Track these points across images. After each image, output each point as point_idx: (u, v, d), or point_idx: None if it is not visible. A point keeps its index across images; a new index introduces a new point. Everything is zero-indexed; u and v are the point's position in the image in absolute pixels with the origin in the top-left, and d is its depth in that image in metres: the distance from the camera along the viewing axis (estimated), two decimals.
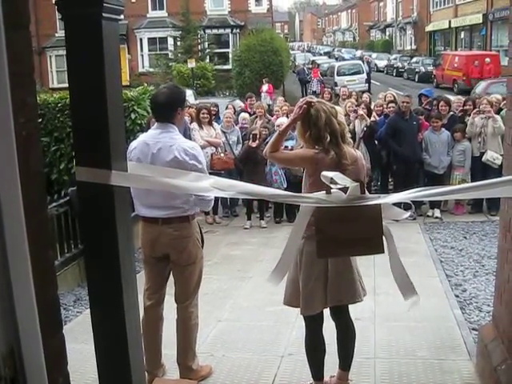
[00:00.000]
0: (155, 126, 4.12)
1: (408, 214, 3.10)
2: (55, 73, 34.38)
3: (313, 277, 3.66)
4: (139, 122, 8.65)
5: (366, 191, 2.81)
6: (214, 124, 9.71)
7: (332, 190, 2.70)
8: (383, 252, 2.82)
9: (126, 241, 2.39)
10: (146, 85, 10.34)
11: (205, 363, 4.48)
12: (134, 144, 4.07)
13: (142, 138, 4.15)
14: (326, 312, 3.87)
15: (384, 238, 2.81)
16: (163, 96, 4.09)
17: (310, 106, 3.62)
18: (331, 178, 2.71)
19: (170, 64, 31.01)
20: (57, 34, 31.75)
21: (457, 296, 5.95)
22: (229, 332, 5.33)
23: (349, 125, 7.90)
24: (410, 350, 4.78)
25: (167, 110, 4.03)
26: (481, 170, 9.11)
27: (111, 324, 2.38)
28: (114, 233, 2.27)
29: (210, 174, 4.22)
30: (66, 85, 2.31)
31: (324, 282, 3.66)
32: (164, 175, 2.54)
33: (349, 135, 3.82)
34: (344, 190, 2.69)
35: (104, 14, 2.11)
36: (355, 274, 3.75)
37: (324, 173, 2.78)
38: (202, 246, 4.26)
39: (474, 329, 5.06)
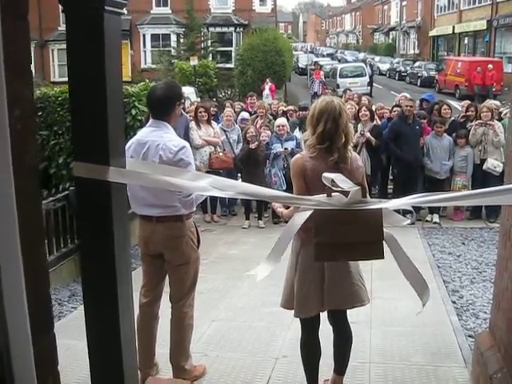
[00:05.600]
0: (149, 122, 4.08)
1: (408, 221, 3.05)
2: (57, 66, 34.37)
3: (308, 280, 3.61)
4: (140, 117, 8.62)
5: (368, 195, 2.78)
6: (213, 123, 9.65)
7: (333, 194, 2.65)
8: (383, 257, 2.78)
9: (123, 239, 2.35)
10: (147, 81, 10.30)
11: (199, 363, 4.45)
12: (129, 142, 4.00)
13: (137, 136, 4.10)
14: (323, 315, 3.83)
15: (386, 243, 2.76)
16: (160, 91, 4.04)
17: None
18: (332, 180, 2.67)
19: (173, 61, 30.93)
20: (60, 28, 31.65)
21: (454, 302, 5.94)
22: (223, 332, 5.30)
23: None
24: (405, 355, 4.75)
25: (164, 105, 4.00)
26: (481, 176, 9.10)
27: (104, 322, 2.34)
28: (111, 230, 2.23)
29: (209, 173, 4.16)
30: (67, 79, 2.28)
31: (320, 285, 3.60)
32: (162, 173, 2.50)
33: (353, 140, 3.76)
34: (345, 192, 2.64)
35: (106, 8, 2.07)
36: (355, 279, 3.67)
37: (325, 174, 2.74)
38: (198, 247, 4.20)
39: (470, 336, 5.04)
